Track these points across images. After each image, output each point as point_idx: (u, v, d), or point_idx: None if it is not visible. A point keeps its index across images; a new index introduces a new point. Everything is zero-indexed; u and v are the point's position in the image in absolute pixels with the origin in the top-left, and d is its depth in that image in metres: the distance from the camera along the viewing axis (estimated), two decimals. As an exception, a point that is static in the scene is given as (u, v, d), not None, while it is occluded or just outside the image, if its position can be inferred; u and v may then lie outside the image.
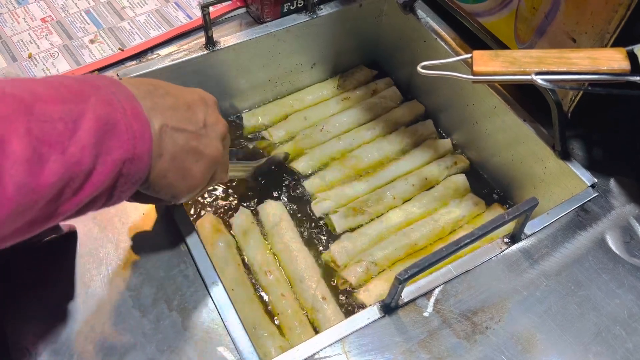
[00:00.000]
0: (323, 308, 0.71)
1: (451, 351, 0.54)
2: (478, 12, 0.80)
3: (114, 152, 0.38)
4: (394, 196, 0.83)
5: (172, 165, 0.45)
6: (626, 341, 0.56)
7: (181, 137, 0.46)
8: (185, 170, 0.47)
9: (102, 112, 0.38)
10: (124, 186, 0.41)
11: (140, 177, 0.42)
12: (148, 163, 0.42)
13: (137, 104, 0.41)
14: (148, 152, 0.41)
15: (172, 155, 0.45)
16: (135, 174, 0.41)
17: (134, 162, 0.40)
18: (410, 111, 0.96)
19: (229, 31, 0.85)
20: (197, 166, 0.48)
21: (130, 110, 0.40)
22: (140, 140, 0.40)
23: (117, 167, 0.39)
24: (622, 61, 0.55)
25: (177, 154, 0.46)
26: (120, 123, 0.39)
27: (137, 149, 0.40)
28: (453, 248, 0.52)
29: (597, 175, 0.69)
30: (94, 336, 0.53)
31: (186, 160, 0.47)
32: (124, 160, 0.39)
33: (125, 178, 0.40)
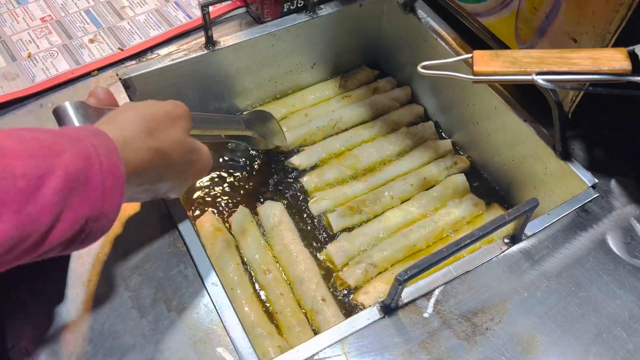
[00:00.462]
0: (323, 310, 0.71)
1: (451, 352, 0.54)
2: (479, 12, 0.79)
3: (79, 209, 0.37)
4: (392, 196, 0.83)
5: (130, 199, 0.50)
6: (627, 342, 0.55)
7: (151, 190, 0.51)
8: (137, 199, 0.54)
9: (75, 168, 0.37)
10: (84, 241, 0.39)
11: (104, 232, 0.40)
12: (114, 219, 0.40)
13: (115, 157, 0.40)
14: (116, 209, 0.40)
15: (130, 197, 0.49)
16: (98, 231, 0.40)
17: (98, 220, 0.39)
18: (410, 112, 0.95)
19: (229, 31, 0.85)
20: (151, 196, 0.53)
21: (107, 165, 0.39)
22: (111, 196, 0.39)
23: (78, 224, 0.37)
24: (623, 61, 0.55)
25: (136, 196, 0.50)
26: (92, 179, 0.38)
27: (106, 207, 0.39)
28: (453, 248, 0.52)
29: (598, 175, 0.69)
30: (93, 337, 0.53)
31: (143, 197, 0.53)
32: (87, 218, 0.38)
33: (86, 234, 0.39)
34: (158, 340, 0.53)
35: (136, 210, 0.62)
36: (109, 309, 0.55)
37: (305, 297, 0.72)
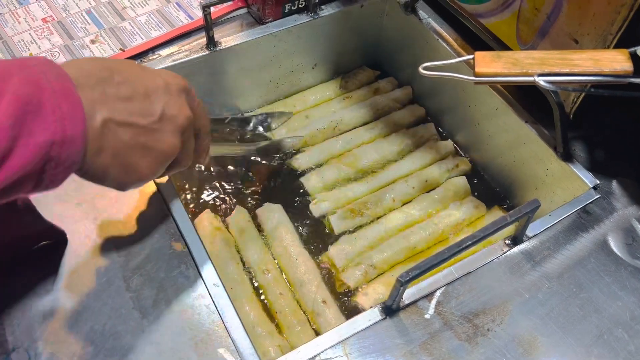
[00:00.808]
0: (324, 312, 0.71)
1: (452, 353, 0.54)
2: (480, 13, 0.79)
3: (38, 134, 0.36)
4: (394, 198, 0.83)
5: (114, 161, 0.43)
6: (628, 344, 0.55)
7: (128, 132, 0.44)
8: (130, 166, 0.45)
9: (25, 92, 0.36)
10: (55, 170, 0.38)
11: (74, 160, 0.39)
12: (82, 145, 0.39)
13: (68, 84, 0.39)
14: (81, 134, 0.39)
15: (114, 152, 0.43)
16: (67, 157, 0.38)
17: (64, 144, 0.38)
18: (411, 113, 0.95)
19: (230, 31, 0.85)
20: (144, 162, 0.46)
21: (60, 90, 0.38)
22: (71, 121, 0.38)
23: (42, 150, 0.36)
24: (625, 62, 0.55)
25: (121, 151, 0.43)
26: (46, 104, 0.37)
27: (68, 131, 0.38)
28: (455, 250, 0.52)
29: (599, 176, 0.69)
30: (94, 337, 0.53)
31: (131, 156, 0.45)
32: (50, 142, 0.37)
33: (55, 162, 0.38)
34: (159, 341, 0.53)
35: (137, 211, 0.62)
36: (110, 310, 0.55)
37: (305, 299, 0.72)
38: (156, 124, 0.46)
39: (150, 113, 0.45)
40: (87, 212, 0.62)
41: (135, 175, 0.46)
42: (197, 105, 0.52)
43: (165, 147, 0.47)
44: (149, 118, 0.45)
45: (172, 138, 0.47)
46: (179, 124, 0.48)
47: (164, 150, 0.47)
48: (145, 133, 0.45)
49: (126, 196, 0.63)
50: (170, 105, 0.47)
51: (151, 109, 0.45)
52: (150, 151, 0.46)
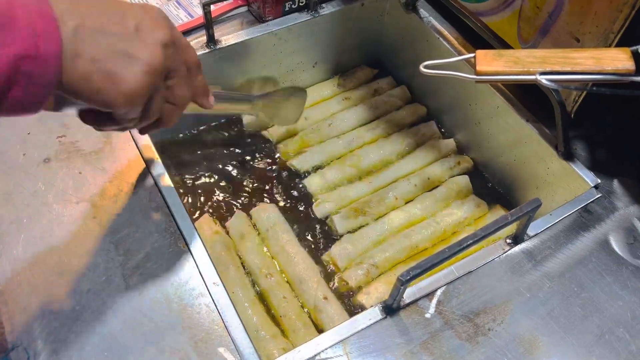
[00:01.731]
0: (326, 308, 0.70)
1: (453, 353, 0.53)
2: (481, 12, 0.79)
3: (9, 46, 0.37)
4: (396, 197, 0.83)
5: (95, 67, 0.43)
6: (630, 343, 0.55)
7: (103, 38, 0.44)
8: (114, 73, 0.44)
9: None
10: (28, 86, 0.39)
11: (48, 79, 0.40)
12: (56, 65, 0.40)
13: (44, 5, 0.40)
14: (55, 54, 0.40)
15: (92, 57, 0.43)
16: (40, 74, 0.39)
17: (37, 60, 0.38)
18: (412, 113, 0.95)
19: (231, 30, 0.85)
20: (130, 70, 0.45)
21: (35, 9, 0.39)
22: (44, 39, 0.39)
23: (13, 63, 0.37)
24: (627, 61, 0.54)
25: (100, 56, 0.43)
26: (19, 19, 0.38)
27: (41, 48, 0.38)
28: (456, 249, 0.52)
29: (601, 176, 0.69)
30: (94, 337, 0.53)
31: (113, 62, 0.44)
32: (21, 56, 0.38)
33: (27, 77, 0.39)
34: (159, 340, 0.53)
35: (137, 210, 0.62)
36: (109, 309, 0.55)
37: (306, 296, 0.72)
38: (132, 34, 0.46)
39: (124, 24, 0.45)
40: (86, 211, 0.61)
41: (122, 84, 0.45)
42: (179, 36, 0.51)
43: (147, 56, 0.46)
44: (124, 28, 0.45)
45: (154, 47, 0.46)
46: (159, 38, 0.47)
47: (146, 59, 0.46)
48: (123, 40, 0.45)
49: (126, 195, 0.63)
50: (146, 22, 0.47)
51: (125, 21, 0.46)
52: (132, 59, 0.45)
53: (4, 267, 0.57)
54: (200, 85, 0.55)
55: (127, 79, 0.45)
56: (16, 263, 0.57)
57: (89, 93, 0.43)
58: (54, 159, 0.66)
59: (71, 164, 0.65)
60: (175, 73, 0.49)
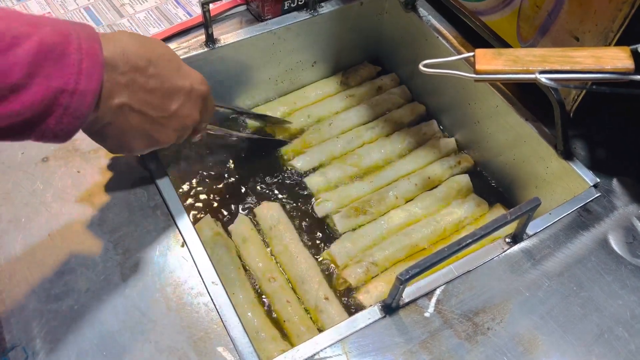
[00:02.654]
0: (327, 308, 0.70)
1: (452, 352, 0.53)
2: (480, 11, 0.79)
3: (54, 79, 0.40)
4: (397, 196, 0.83)
5: (115, 134, 0.49)
6: (629, 343, 0.55)
7: (138, 118, 0.49)
8: (126, 143, 0.51)
9: (51, 40, 0.40)
10: (62, 118, 0.42)
11: (82, 113, 0.42)
12: (91, 102, 0.43)
13: (96, 46, 0.43)
14: (93, 92, 0.42)
15: (120, 130, 0.48)
16: (76, 108, 0.42)
17: (74, 95, 0.41)
18: (411, 111, 0.95)
19: (230, 29, 0.85)
20: (139, 143, 0.52)
21: (86, 49, 0.41)
22: (87, 77, 0.41)
23: (52, 94, 0.40)
24: (626, 60, 0.54)
25: (126, 131, 0.49)
26: (70, 55, 0.40)
27: (81, 85, 0.41)
28: (455, 248, 0.52)
29: (600, 175, 0.69)
30: (93, 336, 0.53)
31: (132, 137, 0.50)
32: (62, 90, 0.40)
33: (64, 110, 0.41)
34: (158, 339, 0.53)
35: (136, 210, 0.62)
36: (108, 308, 0.54)
37: (307, 296, 0.72)
38: (164, 120, 0.51)
39: (165, 109, 0.51)
40: (84, 210, 0.61)
41: (124, 150, 0.53)
42: (207, 111, 0.58)
43: (162, 139, 0.53)
44: (162, 113, 0.51)
45: (172, 133, 0.53)
46: (183, 124, 0.53)
47: (160, 141, 0.53)
48: (152, 123, 0.50)
49: (124, 194, 0.63)
50: (185, 108, 0.52)
51: (168, 106, 0.51)
52: (149, 138, 0.51)
53: (2, 266, 0.56)
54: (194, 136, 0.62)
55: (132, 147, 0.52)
56: (14, 262, 0.57)
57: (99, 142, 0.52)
58: (53, 158, 0.66)
59: (70, 162, 0.65)
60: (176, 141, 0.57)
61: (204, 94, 0.55)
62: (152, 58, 0.48)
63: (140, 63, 0.47)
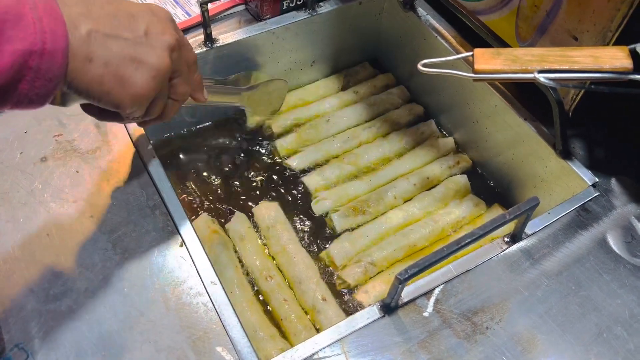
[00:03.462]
0: (324, 309, 0.70)
1: (451, 352, 0.53)
2: (479, 10, 0.79)
3: (16, 42, 0.38)
4: (395, 196, 0.83)
5: (106, 71, 0.45)
6: (627, 342, 0.55)
7: (115, 43, 0.46)
8: (124, 78, 0.46)
9: (4, 3, 0.38)
10: (35, 81, 0.40)
11: (55, 74, 0.41)
12: (62, 61, 0.41)
13: (52, 3, 0.41)
14: (62, 50, 0.41)
15: (105, 61, 0.45)
16: (47, 69, 0.40)
17: (44, 56, 0.40)
18: (409, 111, 0.95)
19: (228, 28, 0.85)
20: (139, 74, 0.47)
21: (42, 6, 0.40)
22: (52, 35, 0.40)
23: (20, 58, 0.39)
24: (625, 59, 0.54)
25: (111, 60, 0.45)
26: (26, 16, 0.39)
27: (48, 45, 0.40)
28: (454, 247, 0.52)
29: (599, 174, 0.69)
30: (92, 335, 0.52)
31: (123, 67, 0.46)
32: (29, 52, 0.39)
33: (34, 72, 0.40)
34: (157, 339, 0.53)
35: (135, 209, 0.62)
36: (106, 308, 0.54)
37: (305, 297, 0.72)
38: (142, 39, 0.47)
39: (136, 29, 0.47)
40: (83, 210, 0.61)
41: (132, 88, 0.47)
42: (181, 36, 0.53)
43: (155, 61, 0.48)
44: (134, 33, 0.47)
45: (161, 52, 0.48)
46: (166, 42, 0.49)
47: (155, 64, 0.48)
48: (133, 45, 0.47)
49: (123, 194, 0.63)
50: (155, 25, 0.49)
51: (134, 25, 0.47)
52: (142, 64, 0.47)
53: (1, 266, 0.56)
54: (197, 81, 0.58)
55: (137, 83, 0.47)
56: (13, 262, 0.57)
57: (99, 95, 0.46)
58: (51, 158, 0.65)
59: (68, 162, 0.65)
60: (178, 73, 0.52)
61: (168, 14, 0.52)
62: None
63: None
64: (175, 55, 0.50)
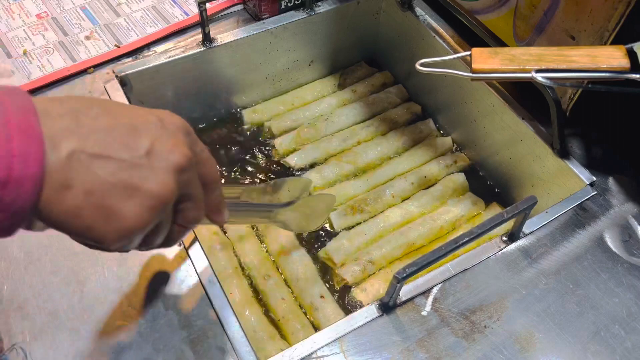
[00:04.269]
0: (322, 307, 0.70)
1: (449, 350, 0.54)
2: (477, 10, 0.79)
3: None
4: (393, 195, 0.83)
5: (87, 201, 0.36)
6: (625, 340, 0.55)
7: (103, 166, 0.36)
8: (111, 209, 0.37)
9: None
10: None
11: (20, 206, 0.33)
12: (32, 191, 0.33)
13: (30, 116, 0.34)
14: (32, 178, 0.33)
15: (86, 189, 0.35)
16: (11, 201, 0.33)
17: (7, 186, 0.32)
18: (407, 110, 0.95)
19: (226, 28, 0.85)
20: (130, 205, 0.37)
21: (16, 122, 0.33)
22: (20, 160, 0.32)
23: None
24: (622, 59, 0.55)
25: (96, 188, 0.36)
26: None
27: (14, 172, 0.32)
28: (452, 246, 0.52)
29: (596, 173, 0.69)
30: (90, 335, 0.52)
31: (110, 196, 0.36)
32: None
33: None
34: (155, 338, 0.53)
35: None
36: (105, 307, 0.54)
37: (304, 294, 0.72)
38: (142, 159, 0.38)
39: (134, 146, 0.38)
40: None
41: (118, 222, 0.37)
42: (200, 150, 0.44)
43: (155, 187, 0.38)
44: (133, 152, 0.38)
45: (165, 176, 0.39)
46: (174, 162, 0.39)
47: (153, 191, 0.38)
48: (128, 168, 0.37)
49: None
50: (162, 141, 0.39)
51: (136, 142, 0.38)
52: (136, 192, 0.37)
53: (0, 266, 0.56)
54: (215, 202, 0.47)
55: (127, 216, 0.37)
56: (11, 262, 0.57)
57: (75, 230, 0.37)
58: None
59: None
60: (187, 197, 0.42)
61: (181, 124, 0.42)
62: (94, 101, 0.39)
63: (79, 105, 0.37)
64: (185, 176, 0.40)
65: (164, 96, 0.83)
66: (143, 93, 0.80)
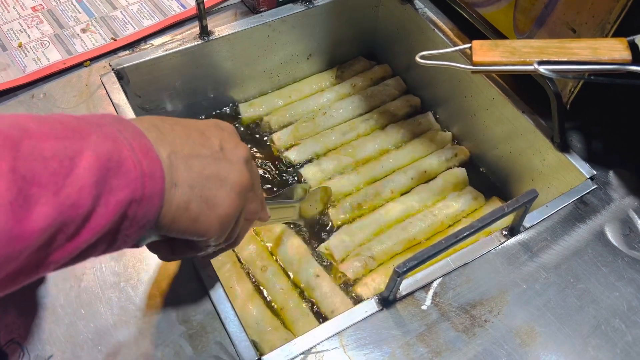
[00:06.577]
0: (319, 285, 0.71)
1: (450, 345, 0.53)
2: (477, 3, 0.79)
3: (119, 192, 0.35)
4: (392, 189, 0.82)
5: (192, 194, 0.40)
6: (625, 334, 0.55)
7: (196, 163, 0.42)
8: (210, 198, 0.42)
9: (105, 149, 0.34)
10: (128, 230, 0.36)
11: (148, 219, 0.37)
12: (159, 205, 0.38)
13: (145, 141, 0.38)
14: (160, 193, 0.37)
15: (189, 184, 0.40)
16: (142, 216, 0.37)
17: (142, 203, 0.36)
18: (406, 103, 0.95)
19: (224, 21, 0.84)
20: (223, 192, 0.43)
21: (138, 147, 0.36)
22: (151, 178, 0.36)
23: (121, 209, 0.35)
24: (623, 51, 0.54)
25: (196, 181, 0.41)
26: (127, 160, 0.35)
27: (147, 189, 0.36)
28: (452, 240, 0.52)
29: (596, 167, 0.69)
30: (88, 330, 0.52)
31: (208, 186, 0.42)
32: (130, 200, 0.35)
33: (130, 221, 0.36)
34: (153, 333, 0.52)
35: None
36: (103, 303, 0.54)
37: (299, 276, 0.73)
38: (219, 154, 0.44)
39: (210, 145, 0.44)
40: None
41: (219, 209, 0.42)
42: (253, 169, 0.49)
43: (238, 176, 0.44)
44: (211, 149, 0.44)
45: (241, 167, 0.45)
46: (242, 156, 0.46)
47: (237, 179, 0.44)
48: (213, 162, 0.43)
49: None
50: (227, 139, 0.46)
51: (209, 142, 0.44)
52: (224, 181, 0.43)
53: (-5, 260, 0.56)
54: (261, 197, 0.53)
55: (223, 200, 0.43)
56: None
57: (186, 223, 0.41)
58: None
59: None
60: (251, 187, 0.47)
61: (232, 127, 0.49)
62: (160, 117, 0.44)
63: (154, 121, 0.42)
64: (249, 167, 0.47)
65: (160, 89, 0.82)
66: (140, 86, 0.79)
